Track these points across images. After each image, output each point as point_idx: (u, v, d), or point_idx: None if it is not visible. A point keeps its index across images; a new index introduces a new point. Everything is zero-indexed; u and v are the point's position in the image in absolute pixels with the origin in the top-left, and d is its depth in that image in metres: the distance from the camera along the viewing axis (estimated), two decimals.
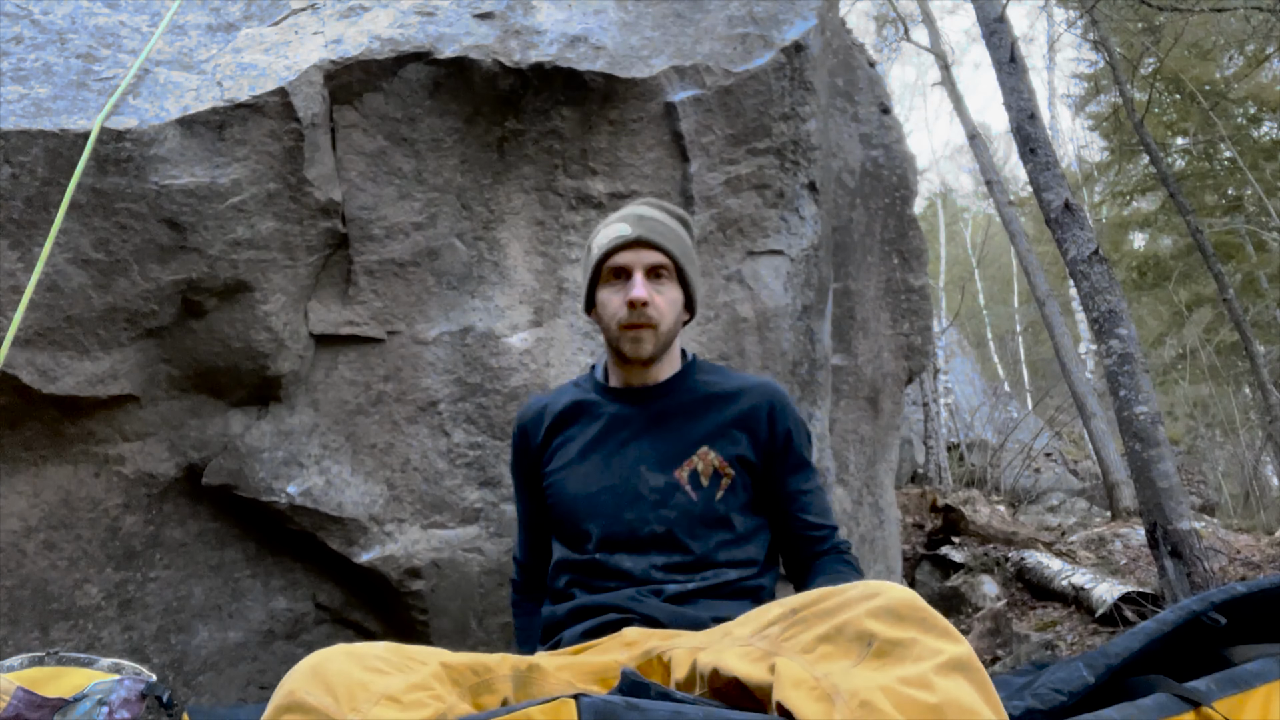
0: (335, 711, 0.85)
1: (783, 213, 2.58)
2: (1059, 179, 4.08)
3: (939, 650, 0.83)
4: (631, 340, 1.39)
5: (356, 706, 0.85)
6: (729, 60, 2.44)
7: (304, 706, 0.86)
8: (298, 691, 0.88)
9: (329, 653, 0.93)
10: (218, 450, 2.08)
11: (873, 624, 0.86)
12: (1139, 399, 3.58)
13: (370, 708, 0.85)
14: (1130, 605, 3.64)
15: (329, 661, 0.91)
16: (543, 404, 1.53)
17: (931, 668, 0.81)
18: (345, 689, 0.87)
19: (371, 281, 2.19)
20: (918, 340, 3.65)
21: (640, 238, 1.40)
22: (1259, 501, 8.47)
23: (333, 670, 0.89)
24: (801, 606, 0.94)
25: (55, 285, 1.81)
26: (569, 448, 1.45)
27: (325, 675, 0.89)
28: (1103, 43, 7.51)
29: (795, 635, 0.91)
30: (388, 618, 2.26)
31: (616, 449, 1.42)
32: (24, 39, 1.93)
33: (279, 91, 1.93)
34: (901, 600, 0.87)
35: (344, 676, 0.88)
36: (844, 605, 0.90)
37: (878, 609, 0.87)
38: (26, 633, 1.92)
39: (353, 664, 0.91)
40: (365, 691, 0.87)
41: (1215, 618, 1.20)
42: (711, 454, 1.39)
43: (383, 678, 0.90)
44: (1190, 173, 10.58)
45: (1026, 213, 12.48)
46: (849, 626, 0.87)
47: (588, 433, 1.45)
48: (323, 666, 0.90)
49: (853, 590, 0.91)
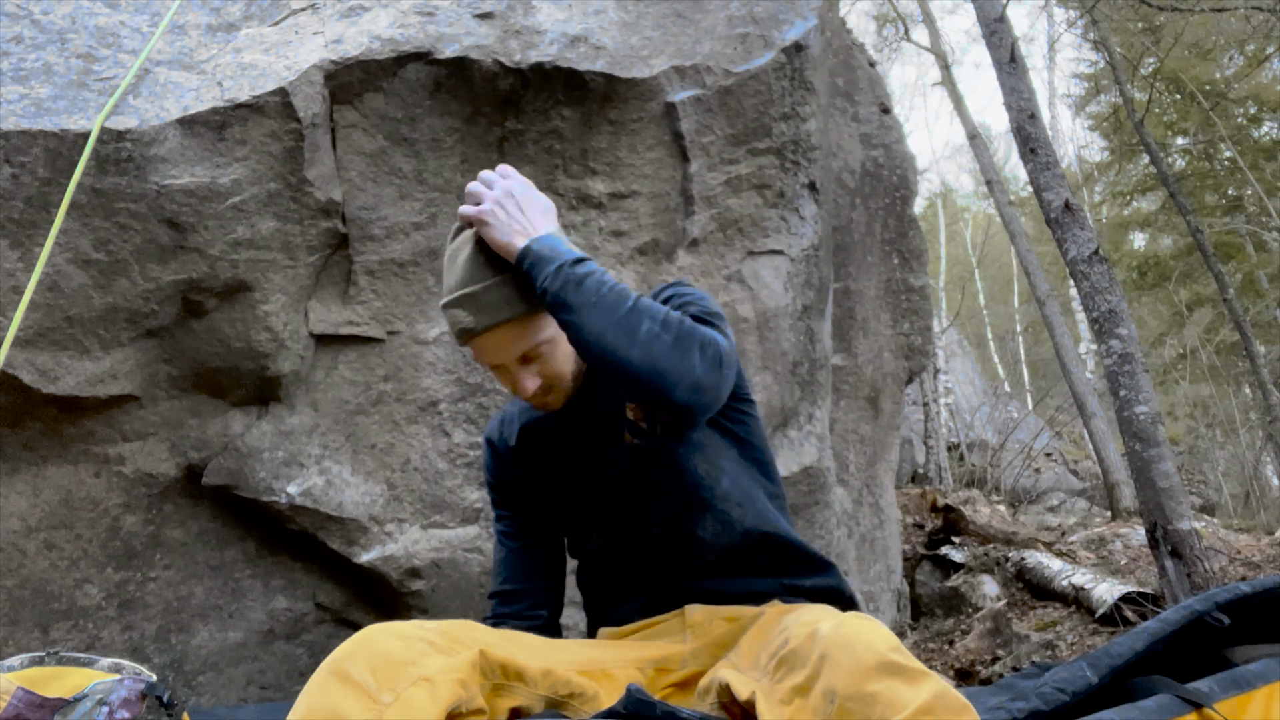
0: (374, 689, 0.90)
1: (783, 213, 2.58)
2: (1059, 179, 4.08)
3: (902, 705, 0.82)
4: (545, 406, 1.31)
5: (394, 686, 0.91)
6: (729, 60, 2.44)
7: (347, 678, 0.91)
8: (343, 662, 0.93)
9: (380, 629, 0.98)
10: (218, 450, 2.08)
11: (835, 679, 0.87)
12: (1139, 399, 3.58)
13: (406, 688, 0.91)
14: (1130, 605, 3.63)
15: (376, 639, 0.96)
16: (507, 416, 1.49)
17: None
18: (386, 669, 0.92)
19: (372, 281, 2.19)
20: (918, 340, 3.65)
21: (473, 330, 1.19)
22: (1259, 501, 8.47)
23: (378, 649, 0.94)
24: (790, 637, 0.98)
25: (55, 285, 1.81)
26: (535, 454, 1.42)
27: (371, 653, 0.94)
28: (1103, 43, 7.51)
29: (782, 678, 0.95)
30: (388, 618, 2.25)
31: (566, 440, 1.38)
32: (24, 39, 1.93)
33: (279, 91, 1.93)
34: (865, 645, 0.88)
35: (387, 657, 0.94)
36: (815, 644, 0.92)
37: (842, 659, 0.88)
38: (27, 633, 1.92)
39: (399, 644, 0.95)
40: (404, 672, 0.92)
41: (1219, 617, 1.20)
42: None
43: (425, 659, 0.95)
44: (1190, 173, 10.58)
45: (1026, 212, 12.49)
46: (817, 681, 0.89)
47: (547, 441, 1.41)
48: (371, 644, 0.95)
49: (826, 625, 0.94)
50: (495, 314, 1.18)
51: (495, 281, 1.18)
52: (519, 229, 1.16)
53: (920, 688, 0.84)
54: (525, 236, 1.16)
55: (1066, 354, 7.70)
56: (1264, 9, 6.20)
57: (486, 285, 1.17)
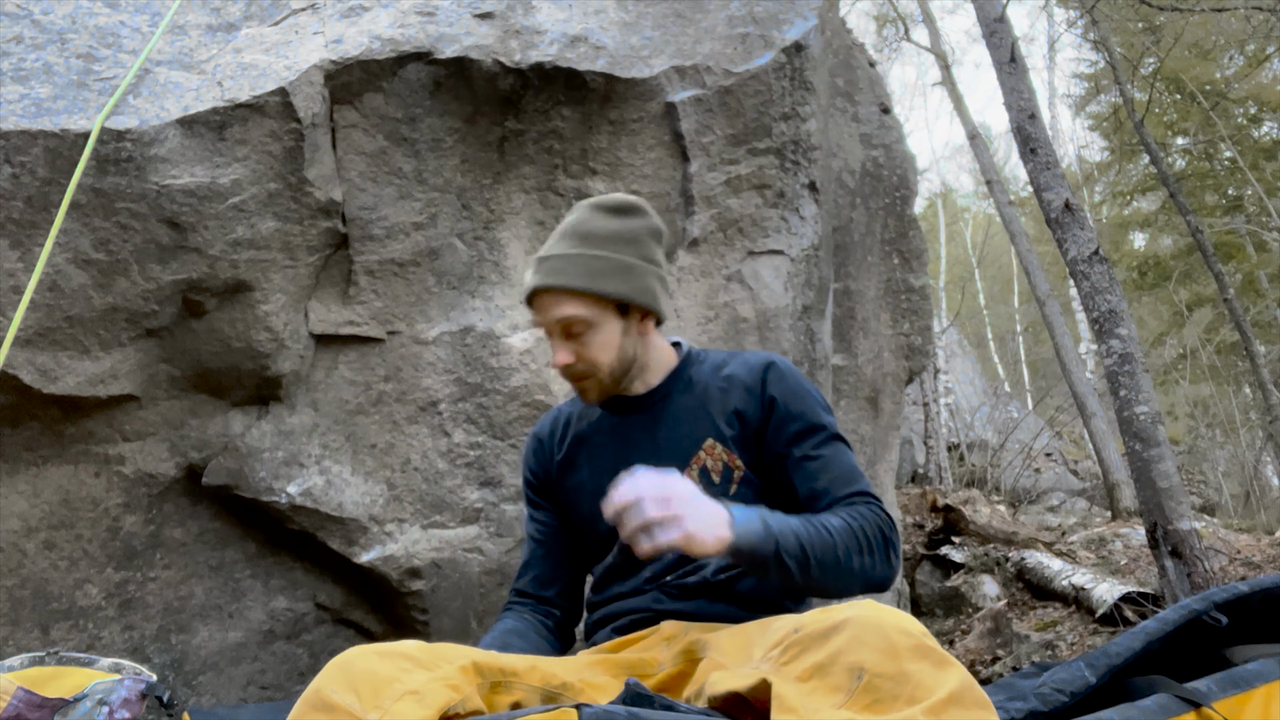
0: (359, 710, 0.86)
1: (783, 213, 2.58)
2: (1059, 179, 4.08)
3: (932, 689, 0.81)
4: (578, 391, 1.35)
5: (380, 704, 0.87)
6: (729, 60, 2.44)
7: (330, 705, 0.88)
8: (324, 690, 0.89)
9: (359, 652, 0.95)
10: (218, 450, 2.08)
11: (864, 656, 0.84)
12: (1139, 399, 3.58)
13: (392, 704, 0.87)
14: (1130, 605, 3.64)
15: (357, 660, 0.93)
16: (558, 414, 1.49)
17: (922, 710, 0.80)
18: (370, 687, 0.89)
19: (372, 281, 2.19)
20: (918, 340, 3.65)
21: (542, 286, 1.27)
22: (1259, 501, 8.47)
23: (359, 669, 0.91)
24: (803, 625, 0.93)
25: (56, 285, 1.81)
26: (580, 465, 1.42)
27: (352, 674, 0.91)
28: (1103, 43, 7.51)
29: (795, 658, 0.90)
30: (388, 618, 2.26)
31: (622, 459, 1.36)
32: (24, 39, 1.93)
33: (279, 91, 1.93)
34: (896, 627, 0.86)
35: (369, 675, 0.90)
36: (840, 627, 0.88)
37: (870, 639, 0.85)
38: (27, 632, 1.92)
39: (380, 662, 0.93)
40: (389, 689, 0.89)
41: (1217, 617, 1.20)
42: (719, 448, 1.31)
43: (408, 675, 0.92)
44: (1190, 173, 10.58)
45: (1027, 212, 12.49)
46: (842, 657, 0.86)
47: (595, 447, 1.41)
48: (350, 665, 0.92)
49: (851, 611, 0.90)
50: (559, 278, 1.25)
51: (578, 254, 1.27)
52: (706, 523, 1.07)
53: (949, 675, 0.83)
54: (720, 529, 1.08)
55: (1066, 354, 7.70)
56: (1264, 9, 6.20)
57: (571, 255, 1.27)
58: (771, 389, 1.31)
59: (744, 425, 1.31)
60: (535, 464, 1.48)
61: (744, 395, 1.32)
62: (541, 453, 1.47)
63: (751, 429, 1.31)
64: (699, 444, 1.32)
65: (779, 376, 1.32)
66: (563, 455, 1.44)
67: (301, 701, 0.90)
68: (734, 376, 1.35)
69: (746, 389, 1.32)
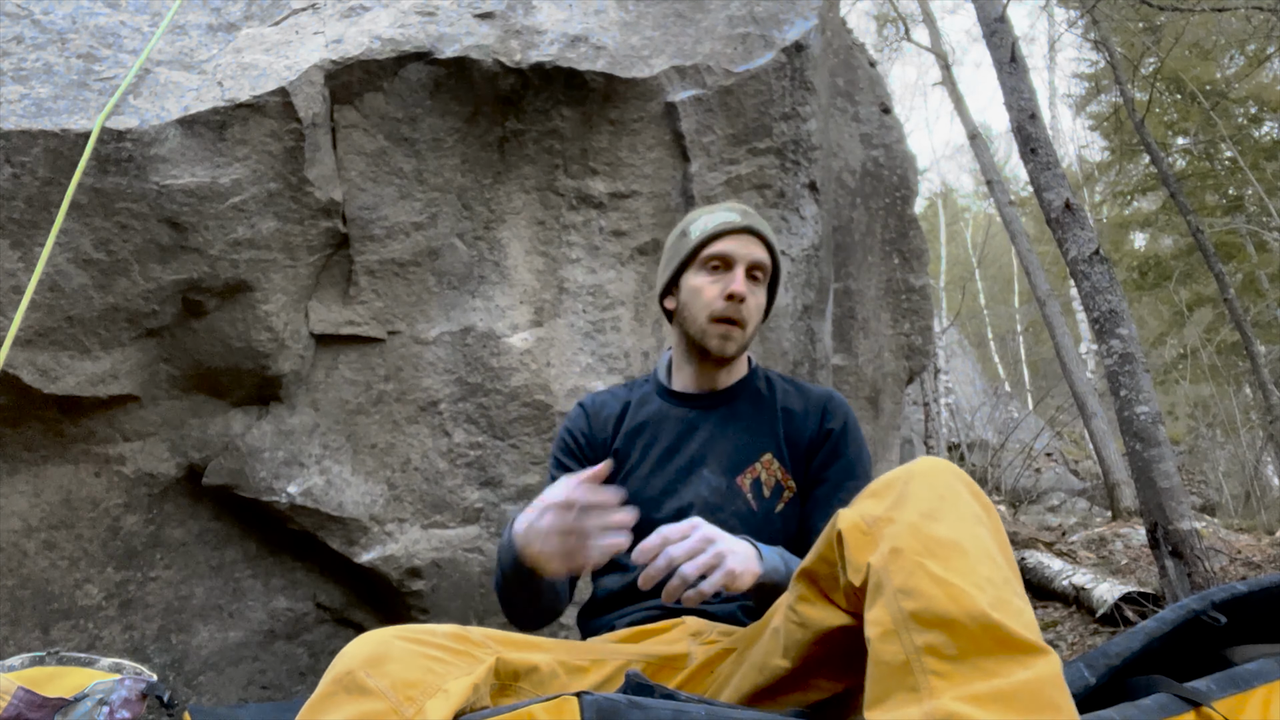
0: (394, 702, 0.84)
1: (783, 213, 2.58)
2: (1060, 179, 4.08)
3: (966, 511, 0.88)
4: (720, 336, 1.35)
5: (413, 696, 0.85)
6: (729, 60, 2.44)
7: (364, 689, 0.85)
8: (358, 673, 0.86)
9: (390, 637, 0.92)
10: (218, 450, 2.08)
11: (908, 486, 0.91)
12: (1140, 399, 3.57)
13: (426, 700, 0.85)
14: (1131, 605, 3.63)
15: (391, 647, 0.90)
16: (610, 398, 1.48)
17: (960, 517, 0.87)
18: (404, 681, 0.86)
19: (372, 281, 2.19)
20: (918, 340, 3.65)
21: (750, 227, 1.38)
22: (1259, 501, 8.46)
23: (395, 657, 0.89)
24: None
25: (56, 285, 1.81)
26: (634, 453, 1.41)
27: (386, 662, 0.88)
28: (1103, 43, 7.50)
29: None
30: (388, 618, 2.26)
31: (680, 453, 1.38)
32: (25, 39, 1.93)
33: (280, 91, 1.93)
34: (934, 469, 0.92)
35: (404, 667, 0.88)
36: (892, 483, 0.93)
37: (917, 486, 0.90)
38: (27, 632, 1.92)
39: (414, 653, 0.90)
40: (424, 683, 0.87)
41: (1215, 616, 1.20)
42: (775, 464, 1.34)
43: (441, 666, 0.90)
44: (1191, 173, 10.57)
45: (1027, 212, 12.48)
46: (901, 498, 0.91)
47: (653, 437, 1.40)
48: (384, 651, 0.89)
49: (900, 471, 0.95)
50: (763, 227, 1.39)
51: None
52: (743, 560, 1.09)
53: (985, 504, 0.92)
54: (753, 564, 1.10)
55: (1067, 354, 7.70)
56: (1264, 9, 6.19)
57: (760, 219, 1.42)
58: (830, 422, 1.38)
59: (796, 449, 1.37)
60: (585, 427, 1.46)
61: (804, 422, 1.38)
62: (592, 423, 1.46)
63: (801, 452, 1.37)
64: (758, 455, 1.35)
65: (837, 412, 1.40)
66: (613, 437, 1.43)
67: (331, 680, 0.87)
68: (805, 405, 1.40)
69: (807, 415, 1.39)
